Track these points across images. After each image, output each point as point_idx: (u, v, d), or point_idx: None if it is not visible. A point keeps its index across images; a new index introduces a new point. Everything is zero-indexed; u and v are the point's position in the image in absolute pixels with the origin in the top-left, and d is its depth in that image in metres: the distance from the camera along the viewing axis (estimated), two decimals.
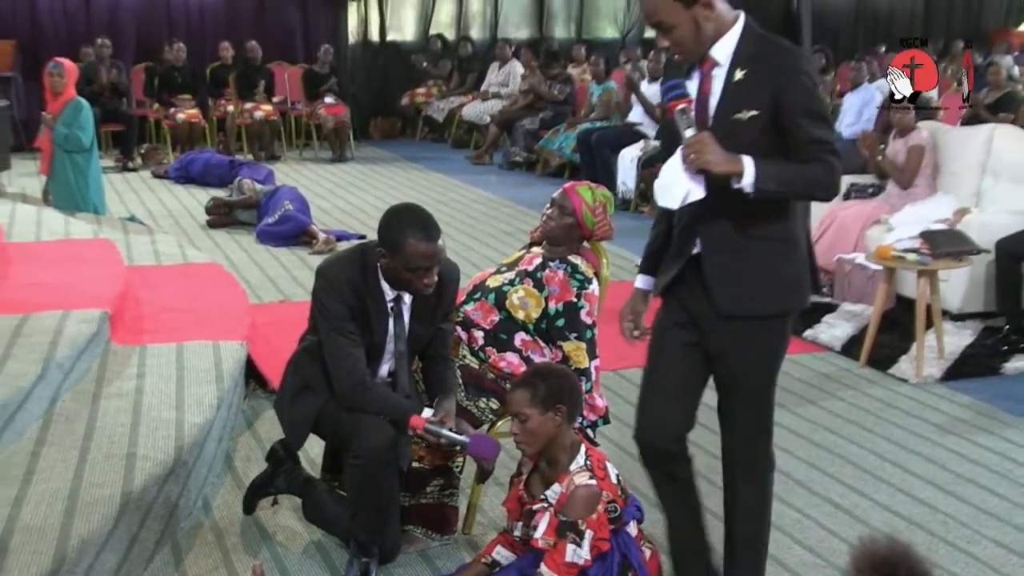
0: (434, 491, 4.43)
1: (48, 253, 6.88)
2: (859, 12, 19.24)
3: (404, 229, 3.97)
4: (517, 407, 3.63)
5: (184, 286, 7.17)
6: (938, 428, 5.79)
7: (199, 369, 5.39)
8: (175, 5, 15.91)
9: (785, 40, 3.51)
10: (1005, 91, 11.22)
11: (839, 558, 4.38)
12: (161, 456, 4.37)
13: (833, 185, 3.40)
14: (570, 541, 3.55)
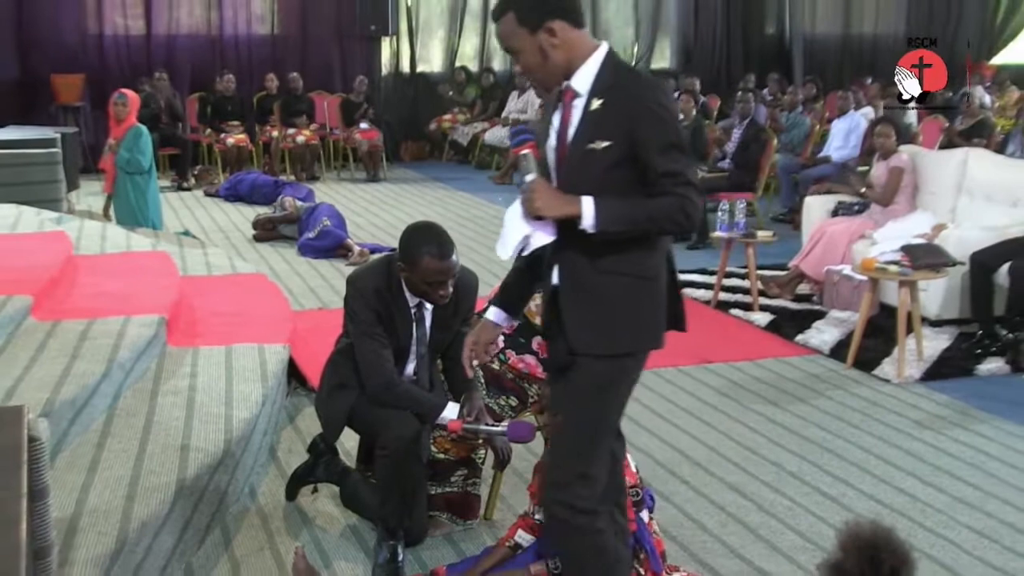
0: (458, 480, 4.44)
1: (111, 265, 6.90)
2: (845, 46, 19.20)
3: (420, 246, 3.99)
4: (550, 403, 3.62)
5: (232, 294, 7.19)
6: (917, 424, 5.78)
7: (246, 369, 5.41)
8: (226, 40, 15.96)
9: (646, 72, 3.32)
10: (978, 119, 11.22)
11: (827, 542, 4.32)
12: (212, 448, 4.39)
13: (685, 218, 3.07)
14: None
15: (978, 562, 4.26)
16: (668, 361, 6.72)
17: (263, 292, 7.45)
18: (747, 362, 6.84)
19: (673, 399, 6.13)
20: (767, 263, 8.81)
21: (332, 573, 4.09)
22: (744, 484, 4.97)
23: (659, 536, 3.85)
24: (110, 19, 15.36)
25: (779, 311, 7.91)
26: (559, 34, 3.08)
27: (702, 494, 4.85)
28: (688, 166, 3.10)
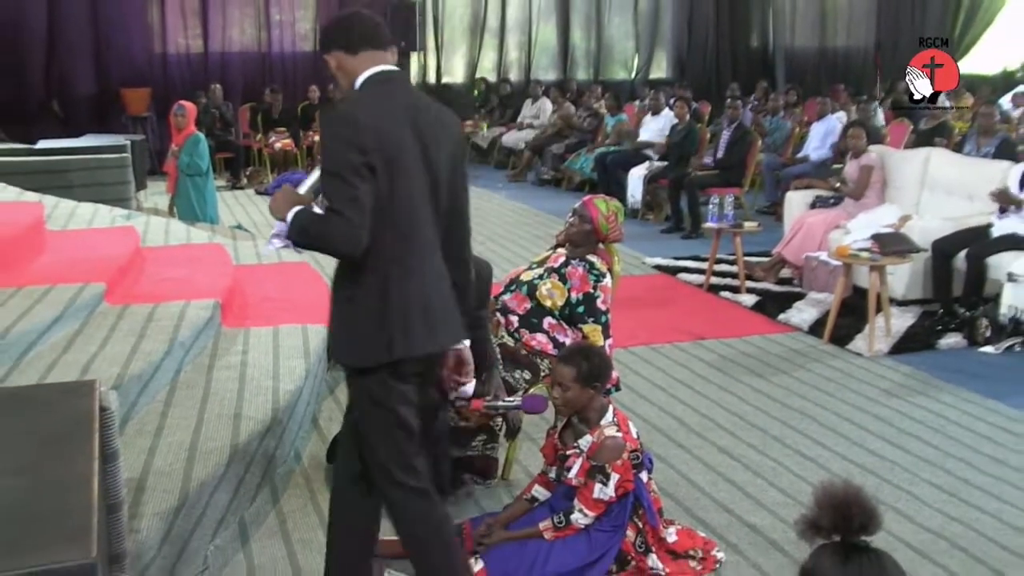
0: (478, 445, 4.43)
1: (173, 255, 6.92)
2: (821, 57, 19.14)
3: None
4: (562, 379, 3.61)
5: (279, 281, 7.19)
6: (885, 393, 5.76)
7: (291, 347, 5.41)
8: (273, 57, 16.03)
9: (350, 95, 3.05)
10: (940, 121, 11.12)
11: (806, 498, 4.25)
12: (261, 416, 4.40)
13: (326, 243, 2.89)
14: (598, 481, 3.56)
15: (937, 513, 4.26)
16: (665, 338, 6.74)
17: (306, 279, 7.43)
18: (735, 339, 6.83)
19: (670, 372, 6.12)
20: (753, 250, 8.78)
21: None
22: (733, 447, 4.96)
23: (656, 495, 3.84)
24: (173, 40, 15.46)
25: (764, 293, 7.90)
26: (339, 62, 3.08)
27: (695, 456, 4.85)
28: (337, 194, 2.86)
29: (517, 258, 8.70)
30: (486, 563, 3.59)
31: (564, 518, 3.61)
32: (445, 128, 3.13)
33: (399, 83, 3.13)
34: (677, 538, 3.78)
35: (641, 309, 7.29)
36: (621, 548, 3.64)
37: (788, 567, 3.80)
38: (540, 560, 3.57)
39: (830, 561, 1.75)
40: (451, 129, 3.19)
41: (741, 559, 3.86)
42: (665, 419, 5.32)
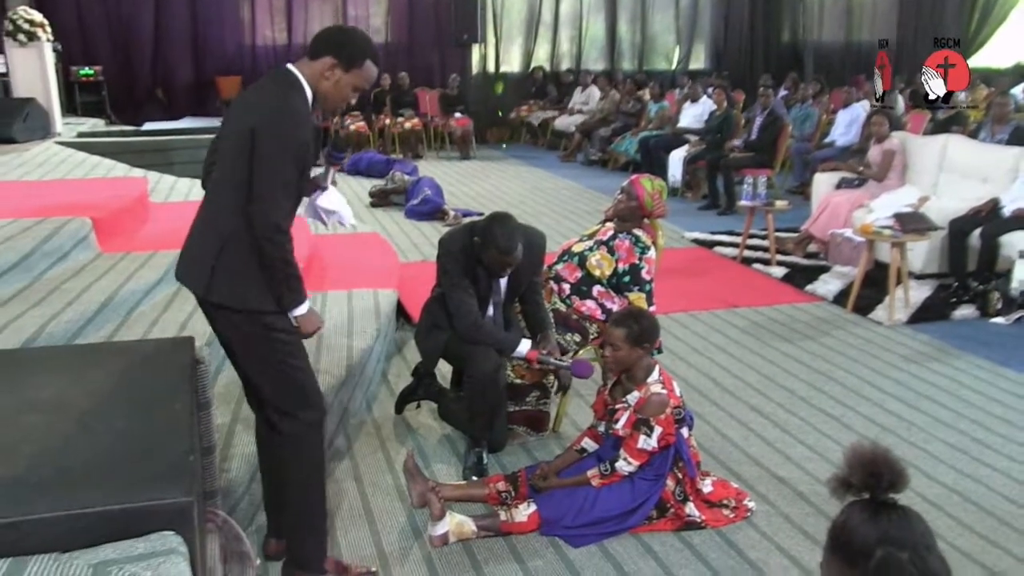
0: (532, 400, 4.42)
1: None
2: (847, 50, 18.74)
3: (492, 240, 3.89)
4: (613, 340, 3.57)
5: (353, 249, 7.21)
6: (904, 358, 5.65)
7: (363, 309, 5.41)
8: None
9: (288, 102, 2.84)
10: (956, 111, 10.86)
11: (831, 453, 4.32)
12: (336, 371, 4.40)
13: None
14: (643, 433, 3.53)
15: (951, 470, 4.17)
16: (702, 305, 6.68)
17: (377, 247, 7.47)
18: (766, 307, 6.74)
19: (706, 337, 6.06)
20: (783, 227, 8.64)
21: (431, 472, 4.09)
22: (763, 406, 4.90)
23: (695, 449, 3.80)
24: (261, 32, 15.58)
25: (792, 266, 7.79)
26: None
27: (729, 413, 4.79)
28: (265, 208, 2.75)
29: (568, 231, 8.66)
30: (538, 506, 3.57)
31: (610, 466, 3.58)
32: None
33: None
34: (712, 488, 3.74)
35: (680, 279, 7.22)
36: (661, 496, 3.61)
37: (814, 516, 3.75)
38: (587, 505, 3.55)
39: (860, 517, 1.70)
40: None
41: (771, 509, 3.82)
42: (702, 379, 5.27)
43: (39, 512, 1.85)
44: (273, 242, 2.76)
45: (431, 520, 3.47)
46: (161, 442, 2.16)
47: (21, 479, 1.96)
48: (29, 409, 2.34)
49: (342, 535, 3.53)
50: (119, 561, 1.76)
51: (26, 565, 1.77)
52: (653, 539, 3.57)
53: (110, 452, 2.11)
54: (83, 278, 4.65)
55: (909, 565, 1.64)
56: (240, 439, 3.69)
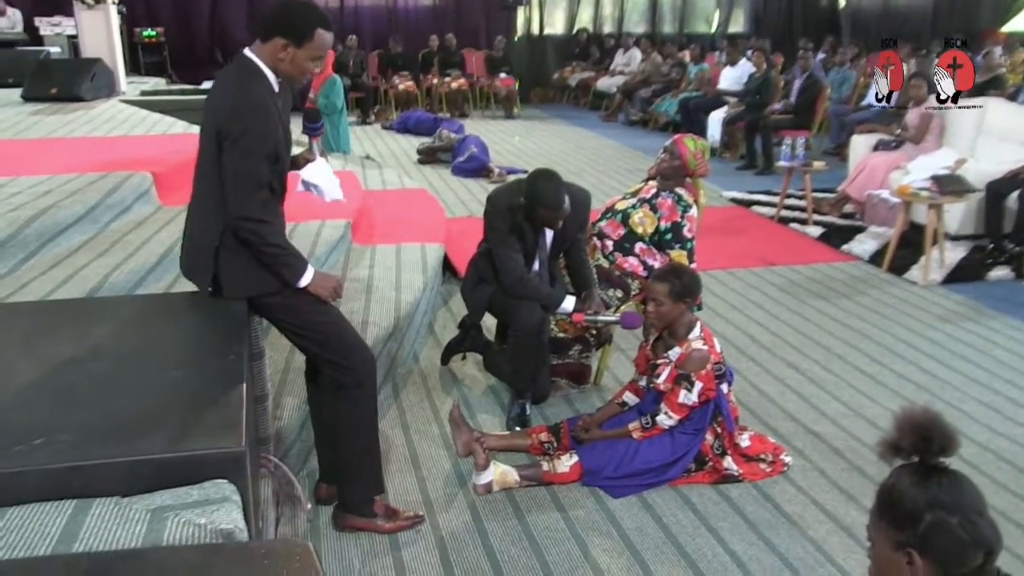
0: (574, 353, 4.38)
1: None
2: (884, 14, 18.20)
3: (539, 197, 3.80)
4: (656, 295, 3.49)
5: (401, 204, 7.17)
6: (938, 318, 5.52)
7: (411, 262, 5.38)
8: (398, 11, 15.90)
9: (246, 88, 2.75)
10: (994, 74, 10.51)
11: (865, 410, 4.23)
12: (385, 323, 4.37)
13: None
14: (683, 387, 3.47)
15: (985, 429, 4.06)
16: (740, 263, 6.58)
17: (425, 203, 7.43)
18: (803, 266, 6.61)
19: (744, 294, 5.96)
20: (819, 187, 8.44)
21: (476, 422, 4.06)
22: (799, 362, 4.81)
23: (734, 404, 3.72)
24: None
25: (828, 226, 7.62)
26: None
27: (766, 369, 4.70)
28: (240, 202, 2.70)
29: (610, 189, 8.55)
30: (580, 458, 3.53)
31: (651, 420, 3.52)
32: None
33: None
34: (750, 443, 3.66)
35: (719, 237, 7.10)
36: (700, 450, 3.55)
37: (848, 472, 3.67)
38: (628, 457, 3.50)
39: (909, 480, 1.62)
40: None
41: (806, 463, 3.74)
42: (739, 336, 5.17)
43: (101, 457, 1.85)
44: (247, 231, 2.74)
45: (475, 469, 3.45)
46: (215, 392, 2.14)
47: (84, 426, 1.95)
48: (92, 358, 2.34)
49: (389, 482, 3.51)
50: (175, 507, 1.74)
51: (90, 507, 1.77)
52: (691, 491, 3.52)
53: (167, 401, 2.09)
54: (144, 230, 4.65)
55: (959, 530, 1.56)
56: (292, 387, 3.68)
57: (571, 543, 3.16)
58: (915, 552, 1.58)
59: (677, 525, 3.29)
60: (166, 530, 1.68)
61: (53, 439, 1.87)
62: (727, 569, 3.04)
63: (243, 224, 2.72)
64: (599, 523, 3.30)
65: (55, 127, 7.07)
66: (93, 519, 1.72)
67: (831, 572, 3.02)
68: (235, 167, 2.68)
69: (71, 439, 1.89)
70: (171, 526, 1.69)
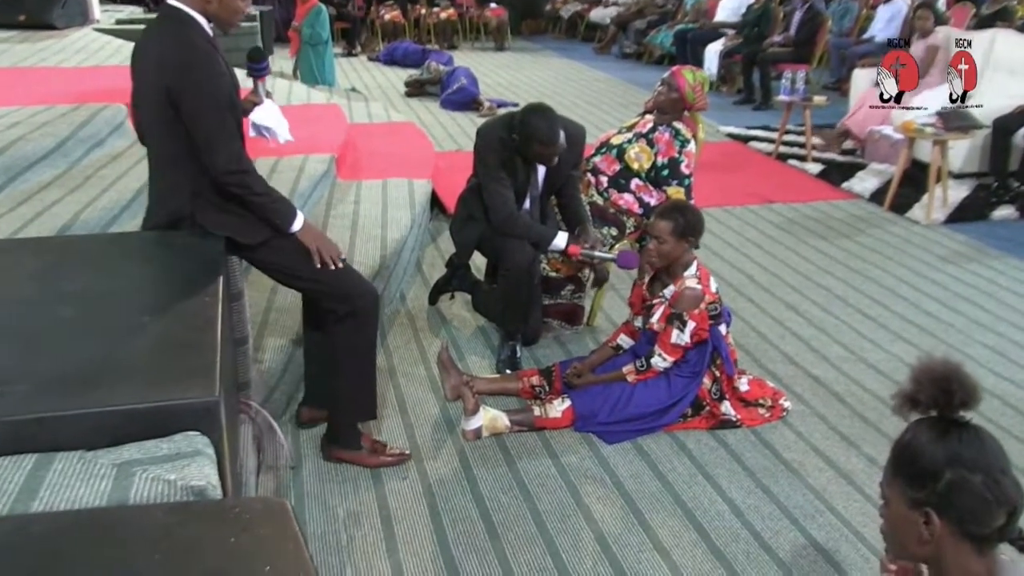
0: (567, 293, 4.30)
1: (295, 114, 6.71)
2: None
3: (532, 132, 3.69)
4: (659, 233, 3.39)
5: (388, 138, 7.10)
6: (941, 259, 5.44)
7: (398, 198, 5.31)
8: None
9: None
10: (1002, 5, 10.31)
11: (867, 354, 4.17)
12: (371, 261, 4.31)
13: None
14: (675, 327, 3.38)
15: (990, 373, 4.00)
16: (738, 201, 6.51)
17: (412, 137, 7.39)
18: (802, 203, 6.53)
19: (741, 232, 5.88)
20: (818, 123, 8.31)
21: (465, 364, 4.00)
22: (798, 303, 4.74)
23: (733, 347, 3.64)
24: None
25: (828, 162, 7.52)
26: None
27: (765, 311, 4.63)
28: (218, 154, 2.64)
29: (603, 123, 8.42)
30: (573, 403, 3.46)
31: (645, 362, 3.44)
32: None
33: None
34: (749, 387, 3.60)
35: (716, 173, 6.98)
36: (697, 394, 3.48)
37: (850, 418, 3.61)
38: (622, 401, 3.43)
39: (928, 435, 1.54)
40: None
41: (806, 408, 3.68)
42: (736, 275, 5.10)
43: (64, 408, 1.75)
44: (235, 185, 2.69)
45: (464, 414, 3.37)
46: (188, 336, 2.03)
47: (47, 374, 1.85)
48: (58, 301, 2.23)
49: (374, 425, 3.45)
50: (143, 462, 1.65)
51: (51, 461, 1.67)
52: (688, 437, 3.46)
53: (136, 347, 1.99)
54: (119, 165, 4.53)
55: (981, 488, 1.48)
56: (274, 328, 3.62)
57: (563, 491, 3.11)
58: (933, 511, 1.50)
59: (673, 472, 3.23)
60: (133, 487, 1.59)
61: (12, 388, 1.77)
62: (724, 517, 2.99)
63: (229, 178, 2.67)
64: (592, 470, 3.24)
65: (24, 56, 6.87)
66: (55, 475, 1.62)
67: (831, 520, 2.98)
68: (205, 123, 2.61)
69: (32, 388, 1.79)
70: (138, 482, 1.60)
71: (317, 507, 2.99)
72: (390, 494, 3.07)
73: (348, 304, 2.96)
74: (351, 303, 2.96)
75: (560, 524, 2.94)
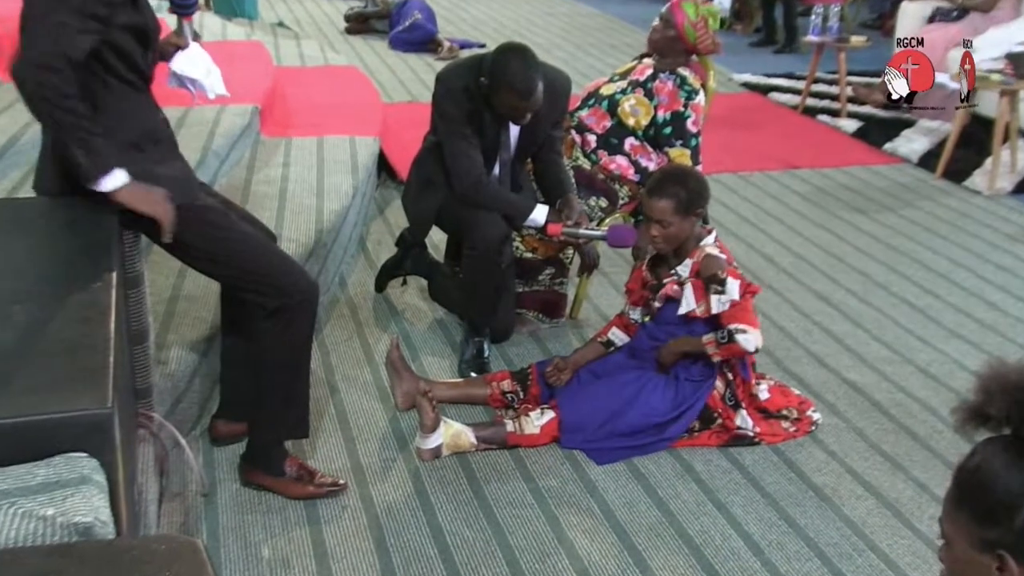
0: (545, 279, 4.32)
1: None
2: None
3: (505, 75, 3.67)
4: (660, 215, 3.39)
5: (325, 86, 7.13)
6: (1009, 237, 5.52)
7: (337, 160, 5.31)
8: None
9: None
10: None
11: (915, 354, 4.21)
12: (303, 238, 4.31)
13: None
14: (713, 292, 3.38)
15: None
16: (754, 165, 6.55)
17: (354, 84, 7.42)
18: (833, 169, 6.60)
19: (759, 203, 5.92)
20: (856, 69, 8.37)
21: (419, 366, 4.00)
22: (830, 293, 4.77)
23: None
24: None
25: (867, 118, 7.60)
26: None
27: (788, 301, 4.67)
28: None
29: (590, 69, 8.44)
30: (558, 409, 3.47)
31: (727, 334, 3.37)
32: None
33: None
34: (769, 395, 3.62)
35: (727, 132, 7.02)
36: (707, 403, 3.49)
37: (895, 433, 3.64)
38: (618, 411, 3.44)
39: (1002, 460, 1.52)
40: None
41: (840, 421, 3.71)
42: (753, 257, 5.14)
43: None
44: (35, 82, 2.52)
45: (420, 428, 3.37)
46: (72, 333, 2.02)
47: None
48: None
49: (308, 443, 3.44)
50: (11, 493, 1.62)
51: None
52: (695, 456, 3.47)
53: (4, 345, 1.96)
54: None
55: None
56: (182, 320, 3.61)
57: (541, 522, 3.12)
58: (1009, 555, 1.49)
59: (676, 500, 3.25)
60: None
61: None
62: (739, 556, 3.00)
63: (31, 75, 2.50)
64: (577, 497, 3.26)
65: None
66: None
67: (872, 561, 3.00)
68: (35, 9, 2.51)
69: None
70: (5, 519, 1.57)
71: (236, 545, 2.97)
72: (327, 527, 3.06)
73: (279, 297, 2.94)
74: (283, 296, 2.94)
75: (538, 564, 2.94)
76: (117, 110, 2.71)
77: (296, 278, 3.00)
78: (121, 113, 2.73)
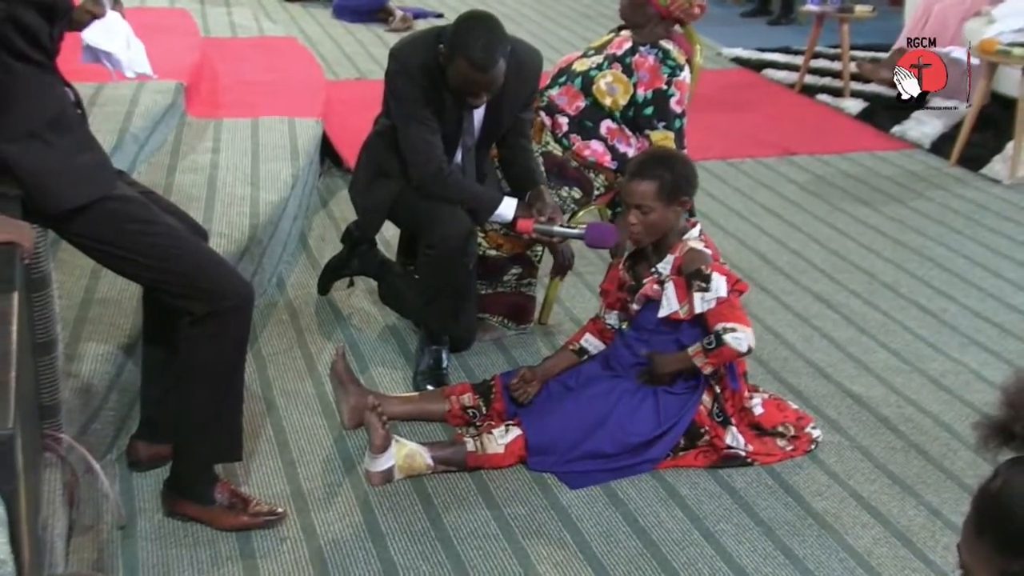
0: (511, 280, 4.34)
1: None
2: None
3: (463, 46, 3.65)
4: (641, 199, 3.42)
5: (260, 60, 7.15)
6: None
7: (275, 145, 5.33)
8: None
9: None
10: None
11: (927, 363, 4.26)
12: (236, 233, 4.32)
13: None
14: (696, 289, 3.39)
15: None
16: (745, 151, 6.61)
17: (294, 58, 7.44)
18: (835, 155, 6.68)
19: (751, 195, 5.98)
20: (862, 43, 8.46)
21: (369, 379, 4.01)
22: (832, 294, 4.82)
23: None
24: None
25: (873, 98, 7.67)
26: None
27: (784, 304, 4.71)
28: None
29: (561, 43, 8.48)
30: (525, 429, 3.49)
31: (715, 339, 3.37)
32: None
33: None
34: (763, 410, 3.65)
35: (716, 113, 7.08)
36: (694, 419, 3.51)
37: (903, 452, 3.68)
38: (592, 428, 3.46)
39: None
40: None
41: (842, 439, 3.75)
42: (744, 254, 5.18)
43: None
44: None
45: (369, 449, 3.37)
46: None
47: None
48: None
49: (241, 466, 3.44)
50: None
51: None
52: (679, 479, 3.50)
53: None
54: None
55: None
56: (96, 328, 3.60)
57: (506, 555, 3.14)
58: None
59: (659, 528, 3.27)
60: None
61: None
62: None
63: None
64: (548, 526, 3.27)
65: None
66: None
67: None
68: None
69: None
70: None
71: None
72: (263, 562, 3.06)
73: (208, 301, 2.93)
74: (212, 300, 2.94)
75: None
76: (17, 95, 2.68)
77: (228, 279, 3.00)
78: (23, 98, 2.70)
